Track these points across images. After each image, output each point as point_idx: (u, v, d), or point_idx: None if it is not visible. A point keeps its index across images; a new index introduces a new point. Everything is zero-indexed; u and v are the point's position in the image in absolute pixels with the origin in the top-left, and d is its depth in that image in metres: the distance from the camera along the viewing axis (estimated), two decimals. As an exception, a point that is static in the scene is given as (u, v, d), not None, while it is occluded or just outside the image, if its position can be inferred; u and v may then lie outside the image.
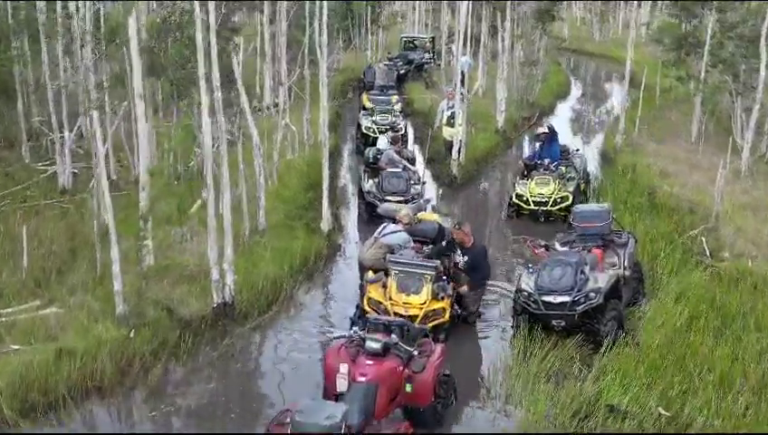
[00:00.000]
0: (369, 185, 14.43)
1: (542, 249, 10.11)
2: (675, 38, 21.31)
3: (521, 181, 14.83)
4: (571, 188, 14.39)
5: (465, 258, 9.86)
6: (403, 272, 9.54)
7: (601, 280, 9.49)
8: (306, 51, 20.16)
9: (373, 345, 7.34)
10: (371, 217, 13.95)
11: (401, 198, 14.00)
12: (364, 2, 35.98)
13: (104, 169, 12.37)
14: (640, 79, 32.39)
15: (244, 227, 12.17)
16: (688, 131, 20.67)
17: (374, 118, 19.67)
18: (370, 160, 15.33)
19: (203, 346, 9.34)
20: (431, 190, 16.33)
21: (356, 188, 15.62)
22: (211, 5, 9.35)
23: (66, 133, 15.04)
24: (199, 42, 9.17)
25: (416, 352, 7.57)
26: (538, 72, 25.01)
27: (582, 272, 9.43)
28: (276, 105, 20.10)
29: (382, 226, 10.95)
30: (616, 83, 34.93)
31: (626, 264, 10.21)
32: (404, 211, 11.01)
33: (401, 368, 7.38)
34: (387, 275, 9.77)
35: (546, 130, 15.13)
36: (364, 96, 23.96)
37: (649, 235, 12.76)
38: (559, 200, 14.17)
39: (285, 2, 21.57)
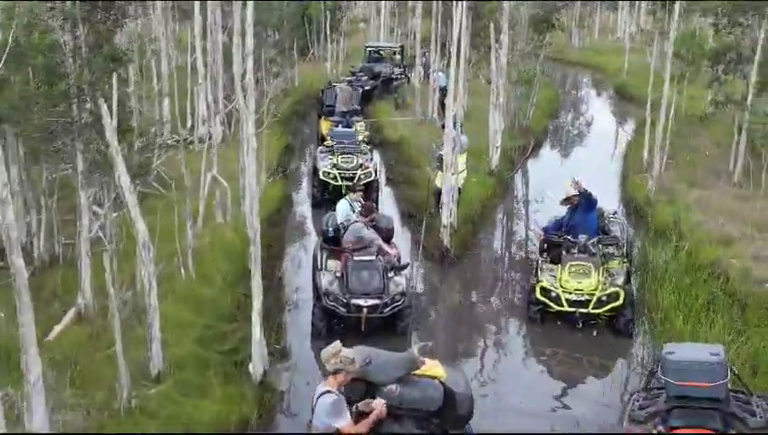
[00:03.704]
0: (327, 280, 9.76)
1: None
2: (711, 52, 17.09)
3: (545, 266, 10.35)
4: (620, 280, 9.97)
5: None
6: None
7: None
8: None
9: None
10: (332, 333, 9.38)
11: (377, 301, 9.44)
12: (322, 2, 31.37)
13: None
14: (634, 93, 28.91)
15: (124, 374, 7.46)
16: (726, 168, 16.57)
17: (335, 160, 15.03)
18: (330, 235, 10.70)
19: None
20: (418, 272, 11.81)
21: (309, 273, 10.95)
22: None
23: None
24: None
25: None
26: (534, 93, 20.69)
27: None
28: (211, 137, 15.35)
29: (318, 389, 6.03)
30: (608, 98, 31.08)
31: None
32: (330, 352, 5.88)
33: None
34: None
35: (575, 192, 10.62)
36: (322, 124, 19.41)
37: (747, 364, 8.44)
38: (605, 299, 9.75)
39: (219, 10, 16.91)
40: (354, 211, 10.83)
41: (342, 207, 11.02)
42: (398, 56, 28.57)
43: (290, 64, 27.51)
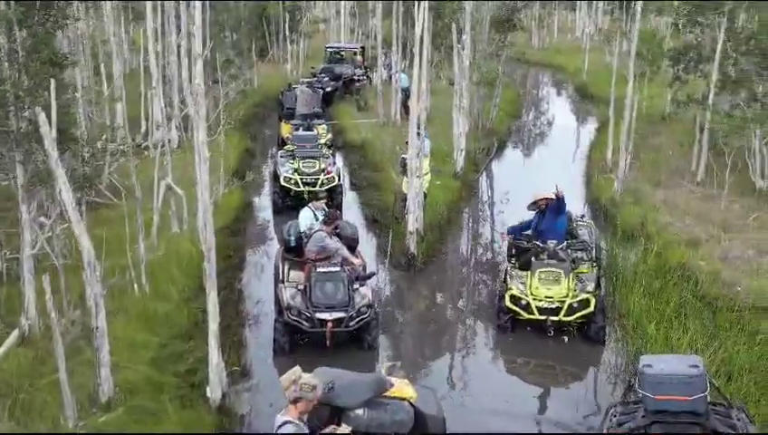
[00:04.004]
0: (289, 293, 9.31)
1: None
2: (672, 52, 17.09)
3: (514, 273, 10.06)
4: (590, 286, 9.73)
5: None
6: None
7: None
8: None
9: None
10: (295, 349, 8.97)
11: (342, 314, 9.03)
12: (280, 3, 30.82)
13: None
14: (594, 92, 29.02)
15: (70, 402, 6.92)
16: (689, 166, 16.57)
17: (296, 165, 14.56)
18: (292, 245, 10.26)
19: None
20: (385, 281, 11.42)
21: (271, 285, 10.46)
22: None
23: None
24: None
25: None
26: (497, 94, 20.50)
27: None
28: (164, 144, 14.71)
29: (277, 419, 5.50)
30: (568, 97, 31.16)
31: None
32: (289, 379, 5.37)
33: None
34: None
35: (551, 196, 10.33)
36: (283, 127, 18.96)
37: (722, 370, 8.26)
38: (576, 306, 9.50)
39: (172, 10, 16.28)
40: (317, 219, 10.39)
41: (305, 215, 10.57)
42: (359, 57, 28.20)
43: (248, 66, 26.92)
